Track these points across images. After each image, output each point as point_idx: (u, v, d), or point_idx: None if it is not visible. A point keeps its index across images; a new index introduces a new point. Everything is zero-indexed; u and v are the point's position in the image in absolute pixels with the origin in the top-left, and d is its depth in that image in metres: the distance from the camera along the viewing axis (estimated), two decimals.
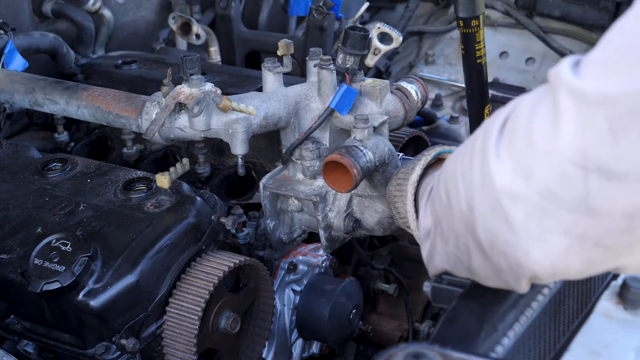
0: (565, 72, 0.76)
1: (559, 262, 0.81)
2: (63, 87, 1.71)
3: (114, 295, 1.29)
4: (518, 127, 0.81)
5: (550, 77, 0.79)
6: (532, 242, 0.81)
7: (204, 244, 1.43)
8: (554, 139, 0.76)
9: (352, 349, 1.96)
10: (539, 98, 0.81)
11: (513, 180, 0.80)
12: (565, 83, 0.76)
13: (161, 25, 2.65)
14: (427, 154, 1.30)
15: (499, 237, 0.85)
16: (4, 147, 1.70)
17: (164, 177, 1.41)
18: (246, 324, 1.53)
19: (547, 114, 0.78)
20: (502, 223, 0.83)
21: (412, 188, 1.26)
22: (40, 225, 1.40)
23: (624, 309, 1.03)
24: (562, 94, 0.76)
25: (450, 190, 0.93)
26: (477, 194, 0.86)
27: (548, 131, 0.77)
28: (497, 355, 0.95)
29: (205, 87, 1.52)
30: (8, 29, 1.91)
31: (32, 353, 1.43)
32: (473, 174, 0.87)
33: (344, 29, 1.55)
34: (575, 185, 0.76)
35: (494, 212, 0.84)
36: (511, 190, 0.81)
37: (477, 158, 0.87)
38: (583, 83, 0.74)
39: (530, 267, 0.84)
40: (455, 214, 0.92)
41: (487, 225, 0.86)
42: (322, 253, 1.72)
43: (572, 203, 0.77)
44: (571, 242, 0.79)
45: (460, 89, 2.67)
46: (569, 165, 0.75)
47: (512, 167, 0.81)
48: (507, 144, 0.82)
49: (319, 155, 1.54)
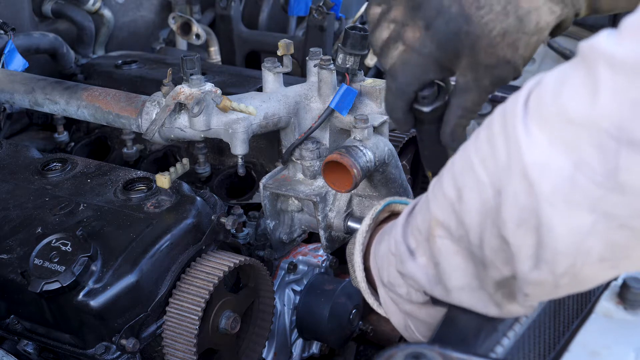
0: (601, 41, 0.74)
1: (582, 242, 0.78)
2: (63, 87, 1.71)
3: (114, 295, 1.29)
4: (547, 101, 0.79)
5: (583, 49, 0.76)
6: (557, 217, 0.78)
7: (204, 244, 1.43)
8: (590, 110, 0.74)
9: (352, 349, 1.96)
10: (567, 71, 0.78)
11: (546, 153, 0.78)
12: (601, 51, 0.73)
13: (161, 25, 2.65)
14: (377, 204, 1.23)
15: (529, 213, 0.81)
16: (4, 147, 1.70)
17: (164, 177, 1.41)
18: (246, 324, 1.53)
19: (581, 85, 0.75)
20: (529, 197, 0.80)
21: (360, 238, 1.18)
22: (40, 225, 1.40)
23: (624, 309, 1.03)
24: (598, 62, 0.73)
25: (464, 184, 0.88)
26: (504, 173, 0.82)
27: (584, 102, 0.74)
28: (497, 355, 0.94)
29: (205, 87, 1.52)
30: (8, 29, 1.91)
31: (32, 353, 1.43)
32: (497, 156, 0.83)
33: (344, 29, 1.55)
34: (608, 157, 0.73)
35: (523, 188, 0.80)
36: (543, 162, 0.78)
37: (500, 139, 0.83)
38: (619, 49, 0.72)
39: (552, 245, 0.80)
40: (471, 206, 0.88)
41: (515, 203, 0.82)
42: (322, 253, 1.72)
43: (602, 176, 0.74)
44: (597, 220, 0.76)
45: None
46: (605, 137, 0.73)
47: (546, 139, 0.78)
48: (537, 118, 0.79)
49: (319, 155, 1.54)
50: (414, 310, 1.08)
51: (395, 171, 1.51)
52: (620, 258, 0.80)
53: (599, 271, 0.82)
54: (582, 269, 0.81)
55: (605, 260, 0.80)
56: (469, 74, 1.12)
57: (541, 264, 0.83)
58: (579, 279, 0.83)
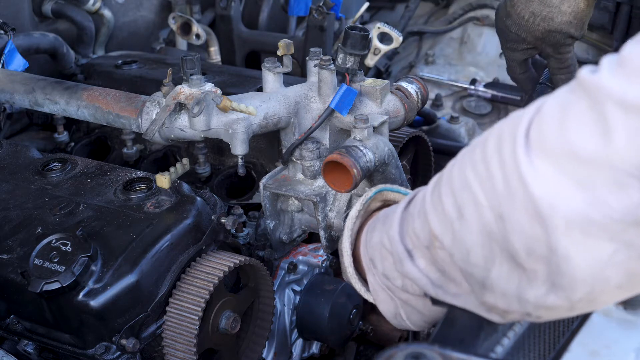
0: (607, 79, 0.74)
1: (601, 271, 0.79)
2: (63, 87, 1.71)
3: (114, 295, 1.29)
4: (550, 134, 0.79)
5: (586, 82, 0.76)
6: (574, 246, 0.79)
7: (204, 244, 1.43)
8: (605, 150, 0.74)
9: (352, 349, 1.96)
10: (569, 103, 0.79)
11: (555, 189, 0.78)
12: (608, 91, 0.73)
13: (161, 25, 2.65)
14: (369, 190, 1.26)
15: (540, 244, 0.81)
16: (4, 147, 1.70)
17: (164, 177, 1.41)
18: (246, 324, 1.53)
19: (589, 123, 0.76)
20: (542, 230, 0.80)
21: (350, 224, 1.21)
22: (40, 225, 1.40)
23: (624, 309, 1.03)
24: (606, 102, 0.74)
25: (465, 201, 0.89)
26: (505, 201, 0.83)
27: (596, 142, 0.75)
28: (497, 356, 0.95)
29: (205, 87, 1.52)
30: (8, 29, 1.91)
31: (32, 353, 1.43)
32: (494, 181, 0.84)
33: (344, 29, 1.55)
34: (629, 195, 0.74)
35: (531, 219, 0.81)
36: (553, 197, 0.79)
37: (494, 161, 0.84)
38: (628, 89, 0.72)
39: (569, 273, 0.80)
40: (472, 227, 0.88)
41: (523, 233, 0.82)
42: (322, 253, 1.72)
43: (621, 213, 0.75)
44: (617, 249, 0.77)
45: (460, 89, 2.67)
46: (624, 176, 0.74)
47: (552, 174, 0.79)
48: (539, 149, 0.80)
49: (319, 155, 1.54)
50: (410, 299, 1.09)
51: (395, 171, 1.51)
52: (637, 284, 0.81)
53: (615, 296, 0.83)
54: (599, 296, 0.82)
55: (623, 288, 0.81)
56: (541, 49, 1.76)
57: (558, 291, 0.83)
58: (594, 303, 0.84)
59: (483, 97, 2.60)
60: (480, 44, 2.84)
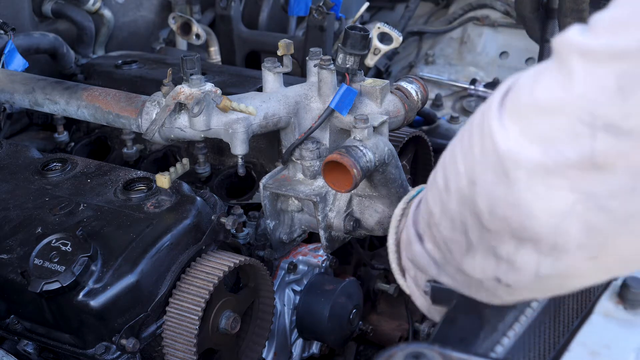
0: (573, 35, 0.76)
1: (561, 223, 0.80)
2: (63, 87, 1.71)
3: (114, 295, 1.29)
4: (522, 95, 0.81)
5: (556, 44, 0.78)
6: (536, 201, 0.80)
7: (204, 244, 1.43)
8: (561, 99, 0.76)
9: (352, 349, 1.97)
10: (542, 67, 0.81)
11: (518, 143, 0.80)
12: (574, 44, 0.75)
13: (161, 25, 2.65)
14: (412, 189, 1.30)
15: (501, 201, 0.83)
16: (4, 147, 1.70)
17: (164, 177, 1.41)
18: (246, 324, 1.53)
19: (554, 77, 0.78)
20: (505, 186, 0.82)
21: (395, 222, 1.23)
22: (40, 225, 1.40)
23: (624, 309, 1.03)
24: (570, 55, 0.76)
25: (449, 174, 0.92)
26: (478, 165, 0.85)
27: (556, 92, 0.77)
28: (497, 355, 0.95)
29: (205, 87, 1.52)
30: (8, 29, 1.91)
31: (32, 353, 1.43)
32: (473, 148, 0.86)
33: (344, 29, 1.55)
34: (582, 143, 0.75)
35: (496, 177, 0.83)
36: (516, 152, 0.80)
37: (476, 132, 0.86)
38: (591, 41, 0.74)
39: (533, 228, 0.82)
40: (452, 196, 0.91)
41: (488, 193, 0.85)
42: (322, 253, 1.72)
43: (578, 161, 0.76)
44: (577, 199, 0.78)
45: (460, 89, 2.67)
46: (578, 124, 0.75)
47: (518, 131, 0.81)
48: (510, 111, 0.82)
49: (319, 155, 1.54)
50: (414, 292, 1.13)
51: (395, 171, 1.51)
52: (597, 246, 0.81)
53: (580, 263, 0.83)
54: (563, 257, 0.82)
55: (584, 248, 0.81)
56: None
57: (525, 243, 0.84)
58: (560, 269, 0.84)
59: (483, 97, 2.61)
60: (480, 44, 2.85)
